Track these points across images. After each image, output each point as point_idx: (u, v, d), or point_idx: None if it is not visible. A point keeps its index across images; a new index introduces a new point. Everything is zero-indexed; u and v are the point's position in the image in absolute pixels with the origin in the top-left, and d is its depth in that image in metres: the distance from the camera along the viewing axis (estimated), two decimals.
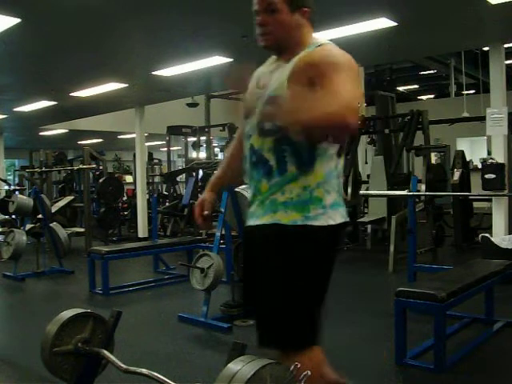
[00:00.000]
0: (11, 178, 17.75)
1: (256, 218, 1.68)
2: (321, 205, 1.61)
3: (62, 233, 6.46)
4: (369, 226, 7.36)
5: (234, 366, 1.42)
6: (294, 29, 1.68)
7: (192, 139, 10.63)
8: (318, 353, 1.73)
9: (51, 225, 6.45)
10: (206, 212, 1.88)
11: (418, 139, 6.80)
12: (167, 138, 10.97)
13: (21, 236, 5.94)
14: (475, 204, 7.60)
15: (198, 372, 2.98)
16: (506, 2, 4.45)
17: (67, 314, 2.15)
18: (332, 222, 1.62)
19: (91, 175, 10.23)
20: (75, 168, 9.25)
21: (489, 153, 9.65)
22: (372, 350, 3.31)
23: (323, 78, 1.53)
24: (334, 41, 1.80)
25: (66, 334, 2.10)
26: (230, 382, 1.38)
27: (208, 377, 2.84)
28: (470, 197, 7.28)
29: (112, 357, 2.06)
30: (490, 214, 5.93)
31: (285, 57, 1.70)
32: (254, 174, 1.70)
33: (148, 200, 9.73)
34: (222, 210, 4.05)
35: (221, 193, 2.05)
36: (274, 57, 1.81)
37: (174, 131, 10.49)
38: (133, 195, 11.04)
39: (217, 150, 12.80)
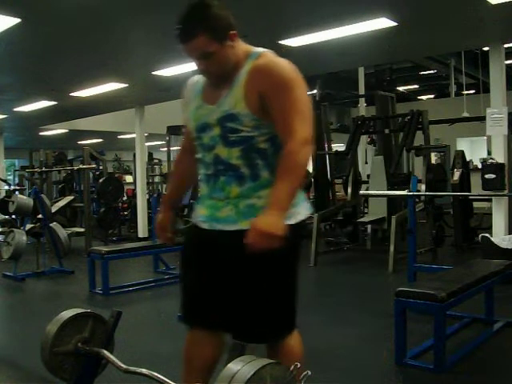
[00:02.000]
0: (11, 178, 17.74)
1: (231, 223, 1.72)
2: (293, 205, 1.69)
3: (62, 233, 6.46)
4: (369, 226, 7.35)
5: (234, 366, 1.42)
6: (230, 57, 1.71)
7: None
8: (297, 332, 1.91)
9: (51, 225, 6.45)
10: (169, 235, 1.97)
11: (418, 139, 6.80)
12: (167, 138, 10.96)
13: (21, 236, 5.94)
14: (475, 204, 7.60)
15: None
16: (506, 2, 4.45)
17: (67, 313, 2.15)
18: (301, 218, 1.76)
19: (91, 175, 10.23)
20: (75, 168, 9.24)
21: (489, 153, 9.65)
22: (372, 350, 3.31)
23: (276, 102, 1.65)
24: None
25: (66, 334, 2.10)
26: (230, 382, 1.38)
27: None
28: (470, 197, 7.28)
29: (112, 357, 2.06)
30: (490, 214, 5.93)
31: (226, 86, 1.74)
32: (221, 179, 1.76)
33: (148, 200, 9.73)
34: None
35: (178, 209, 2.11)
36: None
37: (174, 131, 10.48)
38: (133, 195, 11.04)
39: None
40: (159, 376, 1.92)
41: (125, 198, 11.34)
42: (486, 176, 5.42)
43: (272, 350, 1.81)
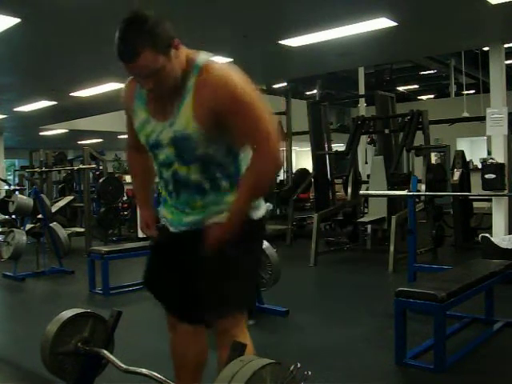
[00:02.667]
0: (11, 178, 17.74)
1: (198, 224, 1.78)
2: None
3: (62, 233, 6.46)
4: (369, 226, 7.35)
5: (234, 366, 1.42)
6: (177, 67, 1.63)
7: None
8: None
9: (51, 225, 6.44)
10: (154, 230, 1.99)
11: (418, 139, 6.80)
12: None
13: (21, 236, 5.94)
14: (475, 204, 7.60)
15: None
16: (506, 2, 4.45)
17: (67, 314, 2.15)
18: (260, 214, 1.82)
19: (91, 175, 10.22)
20: (75, 168, 9.24)
21: (489, 153, 9.65)
22: (372, 350, 3.31)
23: (236, 121, 1.62)
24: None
25: (66, 334, 2.09)
26: (230, 382, 1.38)
27: (208, 377, 2.84)
28: (470, 197, 7.28)
29: (112, 357, 2.06)
30: (490, 214, 5.93)
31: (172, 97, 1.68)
32: (183, 194, 1.79)
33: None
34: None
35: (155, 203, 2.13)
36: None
37: None
38: (133, 195, 11.03)
39: None
40: (159, 376, 1.92)
41: (125, 198, 11.33)
42: (486, 176, 5.42)
43: (220, 339, 1.80)
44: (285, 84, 13.75)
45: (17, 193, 8.68)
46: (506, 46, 5.95)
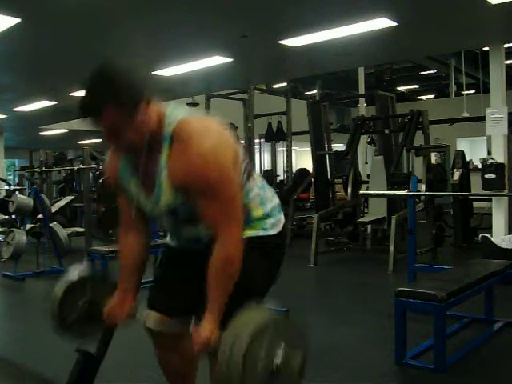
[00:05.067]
0: (11, 177, 17.73)
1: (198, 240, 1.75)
2: (269, 221, 1.77)
3: (62, 233, 6.46)
4: (369, 226, 7.35)
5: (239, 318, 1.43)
6: (141, 130, 1.54)
7: None
8: None
9: (51, 225, 6.44)
10: (120, 317, 1.84)
11: (418, 139, 6.80)
12: None
13: (21, 236, 5.93)
14: (475, 204, 7.60)
15: (198, 372, 2.98)
16: (506, 2, 4.45)
17: (70, 277, 2.10)
18: (278, 229, 1.78)
19: (91, 175, 10.22)
20: (75, 168, 9.23)
21: (489, 153, 9.64)
22: (372, 350, 3.31)
23: (205, 199, 1.55)
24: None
25: (72, 298, 2.06)
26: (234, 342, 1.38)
27: (208, 376, 2.84)
28: (470, 197, 7.28)
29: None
30: (490, 214, 5.93)
31: (147, 150, 1.60)
32: (185, 243, 1.81)
33: None
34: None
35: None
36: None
37: None
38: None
39: None
40: None
41: None
42: (486, 176, 5.42)
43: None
44: (285, 84, 13.76)
45: (17, 193, 8.66)
46: (506, 46, 5.95)
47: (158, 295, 1.90)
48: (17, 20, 4.64)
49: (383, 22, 4.98)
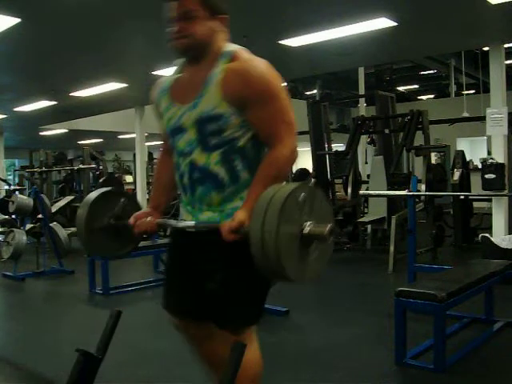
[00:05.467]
0: (11, 177, 17.75)
1: (214, 223, 1.68)
2: None
3: (62, 233, 6.46)
4: (369, 226, 7.35)
5: (271, 190, 1.47)
6: (211, 36, 1.65)
7: None
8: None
9: (51, 225, 6.44)
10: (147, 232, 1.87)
11: (418, 139, 6.80)
12: None
13: (21, 236, 5.94)
14: (475, 204, 7.60)
15: (198, 372, 2.98)
16: (506, 2, 4.45)
17: (97, 192, 2.13)
18: None
19: (91, 175, 10.23)
20: (75, 168, 9.25)
21: (489, 153, 9.65)
22: (372, 350, 3.31)
23: (260, 111, 1.62)
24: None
25: (99, 210, 2.07)
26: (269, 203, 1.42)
27: (208, 377, 2.84)
28: (470, 197, 7.28)
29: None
30: (490, 214, 5.93)
31: (200, 65, 1.68)
32: (199, 190, 1.71)
33: (148, 200, 9.73)
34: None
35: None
36: (181, 65, 1.79)
37: None
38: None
39: None
40: None
41: None
42: (486, 176, 5.42)
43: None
44: (285, 84, 13.75)
45: (17, 193, 8.67)
46: (506, 45, 5.95)
47: (172, 299, 1.90)
48: (17, 20, 4.64)
49: (383, 22, 4.98)
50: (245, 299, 1.73)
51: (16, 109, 9.42)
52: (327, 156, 8.42)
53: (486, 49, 7.34)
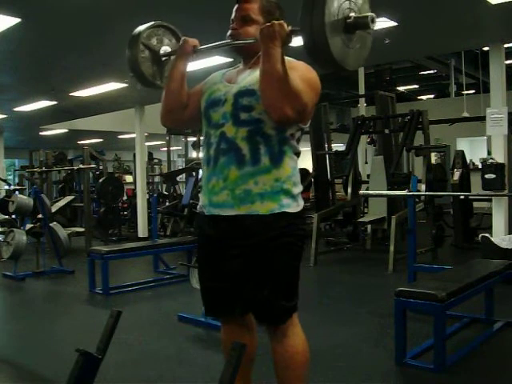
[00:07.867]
0: (11, 177, 17.75)
1: (228, 207, 1.79)
2: (290, 195, 1.83)
3: (62, 233, 6.46)
4: (369, 226, 7.35)
5: None
6: None
7: (192, 139, 10.63)
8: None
9: (51, 225, 6.44)
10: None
11: (418, 139, 6.80)
12: (167, 138, 10.95)
13: (21, 236, 5.94)
14: (475, 204, 7.60)
15: (198, 372, 2.98)
16: (506, 2, 4.45)
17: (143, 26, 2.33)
18: (299, 209, 1.86)
19: (91, 175, 10.23)
20: (75, 168, 9.24)
21: (489, 153, 9.65)
22: (372, 350, 3.31)
23: (300, 77, 1.78)
24: None
25: (151, 35, 2.33)
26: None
27: (208, 377, 2.84)
28: (470, 197, 7.28)
29: None
30: (490, 214, 5.93)
31: (250, 64, 1.90)
32: (221, 160, 1.81)
33: (148, 200, 9.73)
34: None
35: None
36: (237, 67, 2.00)
37: (174, 131, 10.48)
38: (133, 195, 11.04)
39: None
40: None
41: (125, 198, 11.34)
42: (486, 176, 5.42)
43: (275, 333, 1.95)
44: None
45: (17, 193, 8.68)
46: (506, 45, 5.95)
47: (214, 301, 1.98)
48: (17, 20, 4.64)
49: (383, 22, 4.98)
50: (289, 294, 1.94)
51: (16, 109, 9.41)
52: (327, 156, 8.42)
53: (485, 49, 7.33)
